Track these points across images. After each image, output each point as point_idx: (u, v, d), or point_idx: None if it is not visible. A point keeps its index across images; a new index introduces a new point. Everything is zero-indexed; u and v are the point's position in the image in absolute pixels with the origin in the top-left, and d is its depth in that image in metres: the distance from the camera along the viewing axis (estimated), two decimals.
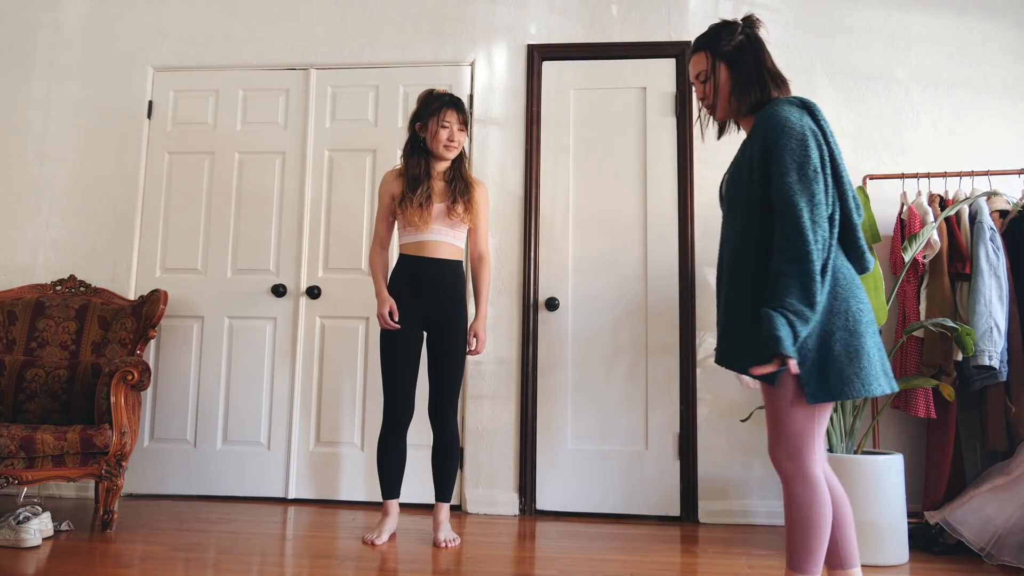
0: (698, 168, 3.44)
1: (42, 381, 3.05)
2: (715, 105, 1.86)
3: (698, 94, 1.91)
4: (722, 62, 1.84)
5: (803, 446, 1.69)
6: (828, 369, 1.65)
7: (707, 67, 1.85)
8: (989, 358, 2.78)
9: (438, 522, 2.76)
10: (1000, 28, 3.42)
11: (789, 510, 1.71)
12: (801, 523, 1.69)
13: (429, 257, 2.74)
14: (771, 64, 1.84)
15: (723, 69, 1.84)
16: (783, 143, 1.67)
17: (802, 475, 1.69)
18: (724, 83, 1.84)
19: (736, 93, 1.83)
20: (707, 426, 3.29)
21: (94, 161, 3.69)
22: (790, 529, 1.71)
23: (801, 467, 1.69)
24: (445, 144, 2.74)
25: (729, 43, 1.83)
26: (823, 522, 1.68)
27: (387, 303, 2.72)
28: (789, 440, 1.70)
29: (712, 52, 1.85)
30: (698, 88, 1.90)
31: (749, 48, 1.83)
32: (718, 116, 1.90)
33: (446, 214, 2.74)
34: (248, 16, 3.74)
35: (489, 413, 3.39)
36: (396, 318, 2.71)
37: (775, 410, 1.71)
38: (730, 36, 1.84)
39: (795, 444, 1.69)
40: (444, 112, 2.73)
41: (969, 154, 3.33)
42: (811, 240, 1.61)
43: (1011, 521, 2.51)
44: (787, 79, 1.87)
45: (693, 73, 1.91)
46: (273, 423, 3.49)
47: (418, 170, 2.76)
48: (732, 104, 1.84)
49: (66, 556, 2.47)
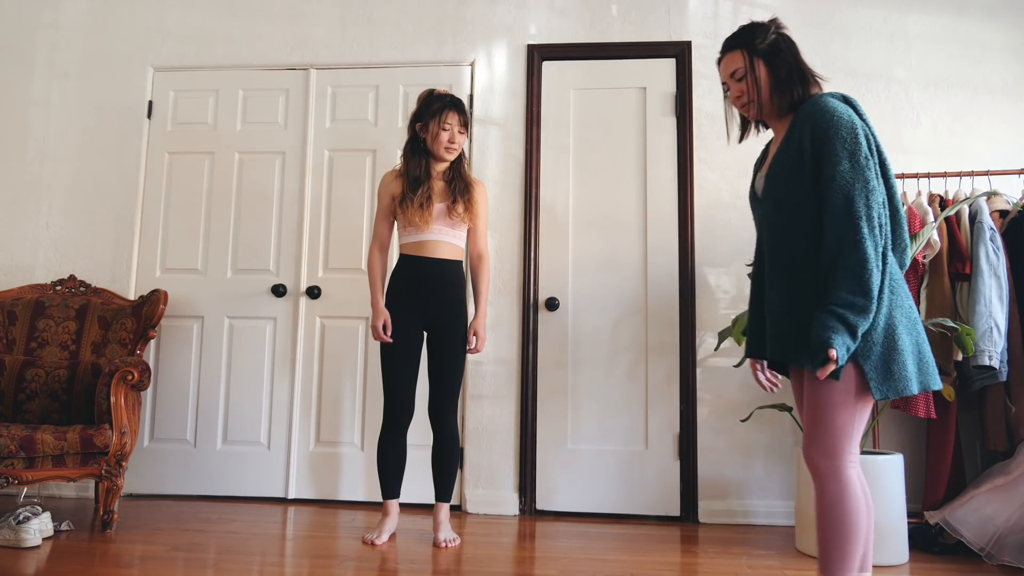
0: (698, 168, 3.44)
1: (42, 381, 3.05)
2: (756, 102, 1.82)
3: (733, 93, 1.87)
4: (760, 59, 1.81)
5: (843, 443, 1.66)
6: (893, 363, 1.63)
7: (744, 64, 1.82)
8: (989, 358, 2.78)
9: (438, 522, 2.76)
10: (1000, 28, 3.42)
11: (821, 510, 1.66)
12: (834, 523, 1.64)
13: (429, 257, 2.74)
14: (805, 63, 1.83)
15: (761, 66, 1.81)
16: (833, 132, 1.66)
17: (837, 473, 1.65)
18: (764, 80, 1.81)
19: (778, 90, 1.80)
20: (707, 426, 3.29)
21: (94, 161, 3.69)
22: (822, 531, 1.67)
23: (837, 465, 1.66)
24: (446, 146, 2.74)
25: (764, 40, 1.82)
26: (857, 522, 1.63)
27: (381, 316, 2.73)
28: (829, 436, 1.66)
29: (748, 50, 1.82)
30: (734, 87, 1.86)
31: (784, 45, 1.82)
32: (753, 114, 1.86)
33: (446, 214, 2.75)
34: (248, 16, 3.74)
35: (489, 413, 3.39)
36: (389, 332, 2.72)
37: (821, 403, 1.67)
38: (764, 34, 1.82)
39: (835, 441, 1.65)
40: (445, 114, 2.73)
41: (969, 154, 3.33)
42: (864, 228, 1.60)
43: (1011, 521, 2.51)
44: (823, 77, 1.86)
45: (727, 72, 1.87)
46: (273, 423, 3.49)
47: (419, 170, 2.77)
48: (774, 101, 1.82)
49: (66, 556, 2.47)
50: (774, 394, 3.25)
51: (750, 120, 1.92)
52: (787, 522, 3.17)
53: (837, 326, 1.58)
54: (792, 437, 3.25)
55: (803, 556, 2.67)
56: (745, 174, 3.42)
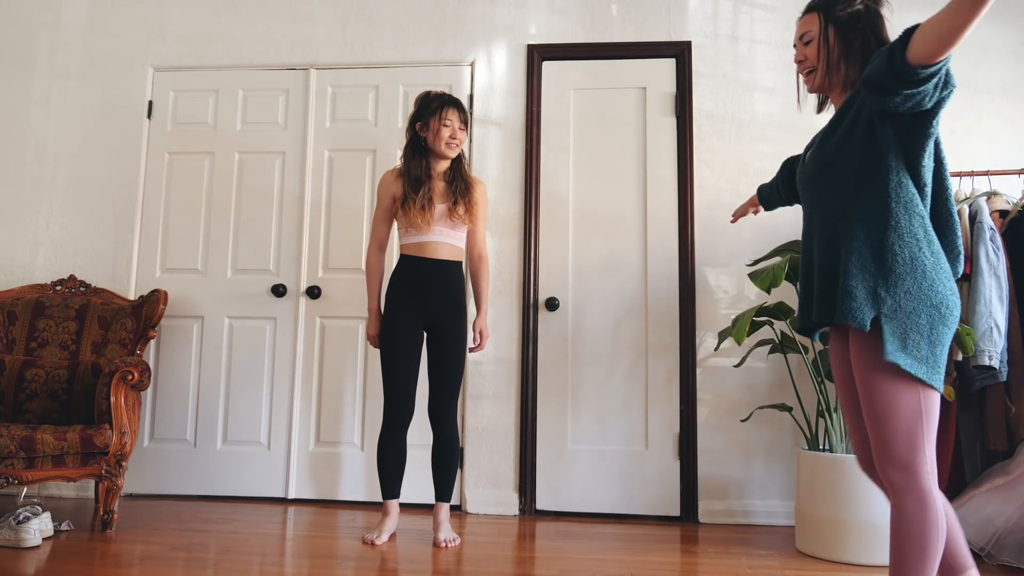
0: (698, 168, 3.44)
1: (42, 381, 3.05)
2: (819, 72, 1.73)
3: (797, 56, 1.79)
4: (833, 27, 1.72)
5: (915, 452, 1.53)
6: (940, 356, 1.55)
7: (818, 29, 1.73)
8: (989, 358, 2.78)
9: (438, 522, 2.76)
10: (1000, 28, 3.42)
11: (897, 526, 1.54)
12: (910, 541, 1.52)
13: (431, 258, 2.76)
14: (887, 39, 1.72)
15: (833, 34, 1.72)
16: None
17: (913, 487, 1.52)
18: (834, 49, 1.71)
19: (845, 62, 1.70)
20: (707, 426, 3.29)
21: (94, 161, 3.69)
22: (897, 548, 1.54)
23: (914, 478, 1.52)
24: (447, 142, 2.75)
25: (845, 9, 1.72)
26: (936, 543, 1.52)
27: (376, 324, 2.83)
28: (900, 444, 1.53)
29: (825, 15, 1.73)
30: (799, 50, 1.78)
31: (866, 19, 1.72)
32: (814, 85, 1.77)
33: (447, 215, 2.76)
34: (248, 16, 3.74)
35: (489, 413, 3.39)
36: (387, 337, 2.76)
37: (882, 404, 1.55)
38: (848, 2, 1.72)
39: (906, 449, 1.53)
40: (446, 110, 2.75)
41: (969, 154, 3.33)
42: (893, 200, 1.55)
43: (1011, 521, 2.51)
44: None
45: (799, 33, 1.78)
46: (273, 423, 3.49)
47: (419, 170, 2.77)
48: (840, 72, 1.71)
49: (66, 556, 2.47)
50: (777, 392, 3.26)
51: (813, 91, 1.81)
52: (787, 522, 3.16)
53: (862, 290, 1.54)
54: (792, 437, 3.25)
55: (803, 556, 2.67)
56: (745, 174, 3.42)
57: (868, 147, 1.62)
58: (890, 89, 1.48)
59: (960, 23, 1.35)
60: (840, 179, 1.67)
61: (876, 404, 1.56)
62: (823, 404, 2.79)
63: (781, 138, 3.42)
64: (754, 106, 3.47)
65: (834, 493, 2.61)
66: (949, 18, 1.35)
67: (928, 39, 1.39)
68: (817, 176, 1.72)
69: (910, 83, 1.46)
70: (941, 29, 1.37)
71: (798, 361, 3.22)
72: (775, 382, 3.27)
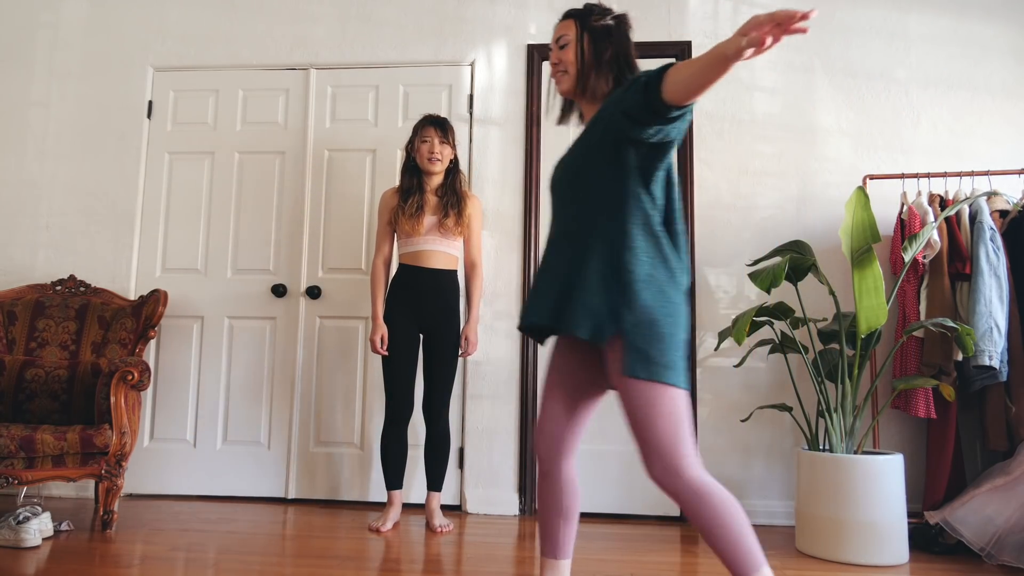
0: (698, 168, 3.44)
1: (42, 381, 3.05)
2: (570, 75, 1.80)
3: (553, 59, 1.86)
4: (588, 35, 1.80)
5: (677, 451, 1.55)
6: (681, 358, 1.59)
7: (574, 35, 1.81)
8: (989, 358, 2.78)
9: (431, 510, 2.96)
10: (1000, 29, 3.42)
11: (698, 524, 1.55)
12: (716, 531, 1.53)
13: (424, 267, 2.97)
14: (635, 60, 1.81)
15: (587, 41, 1.80)
16: None
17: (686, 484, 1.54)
18: (587, 56, 1.79)
19: (596, 70, 1.78)
20: (707, 426, 3.29)
21: (94, 161, 3.69)
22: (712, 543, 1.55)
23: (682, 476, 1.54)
24: (428, 157, 2.98)
25: (599, 21, 1.81)
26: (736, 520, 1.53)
27: (380, 330, 2.96)
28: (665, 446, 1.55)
29: (581, 23, 1.82)
30: (555, 53, 1.85)
31: (616, 33, 1.80)
32: (564, 88, 1.84)
33: (438, 226, 2.98)
34: (248, 16, 3.74)
35: (489, 413, 3.39)
36: (386, 345, 2.94)
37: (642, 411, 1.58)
38: (603, 17, 1.82)
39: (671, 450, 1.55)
40: (424, 129, 3.01)
41: (969, 154, 3.33)
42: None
43: (1011, 521, 2.51)
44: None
45: (555, 37, 1.86)
46: (273, 423, 3.49)
47: (411, 184, 3.03)
48: (590, 81, 1.78)
49: (66, 556, 2.47)
50: (781, 393, 3.26)
51: (563, 95, 1.87)
52: (787, 522, 3.17)
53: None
54: (792, 437, 3.25)
55: (803, 556, 2.68)
56: (745, 174, 3.42)
57: (612, 167, 1.67)
58: (645, 122, 1.56)
59: (709, 80, 1.43)
60: (583, 193, 1.72)
61: (636, 412, 1.59)
62: (823, 404, 2.79)
63: (781, 138, 3.43)
64: (754, 106, 3.47)
65: (834, 493, 2.62)
66: (700, 75, 1.42)
67: (680, 87, 1.47)
68: (565, 185, 1.77)
69: (663, 119, 1.54)
70: (692, 84, 1.44)
71: (798, 361, 3.22)
72: (775, 382, 3.27)
